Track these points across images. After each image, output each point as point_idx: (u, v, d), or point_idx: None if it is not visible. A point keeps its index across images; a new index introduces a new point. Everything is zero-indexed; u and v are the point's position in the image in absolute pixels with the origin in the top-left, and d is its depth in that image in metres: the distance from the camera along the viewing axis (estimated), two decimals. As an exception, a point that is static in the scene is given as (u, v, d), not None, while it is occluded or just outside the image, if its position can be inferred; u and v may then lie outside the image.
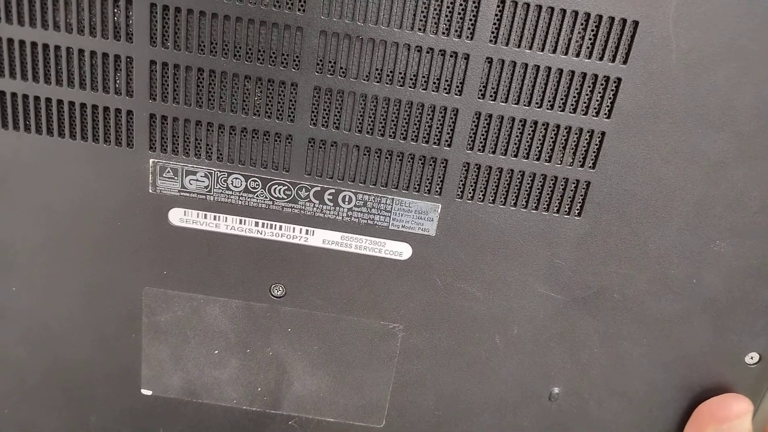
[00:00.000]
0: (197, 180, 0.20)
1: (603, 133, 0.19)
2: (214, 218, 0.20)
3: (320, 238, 0.21)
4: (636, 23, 0.18)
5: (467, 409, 0.23)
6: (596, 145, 0.19)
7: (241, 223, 0.20)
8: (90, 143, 0.19)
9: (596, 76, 0.18)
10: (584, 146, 0.19)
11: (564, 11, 0.18)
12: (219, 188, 0.20)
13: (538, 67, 0.18)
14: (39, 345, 0.22)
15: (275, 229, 0.21)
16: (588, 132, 0.19)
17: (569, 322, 0.22)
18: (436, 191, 0.20)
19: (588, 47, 0.18)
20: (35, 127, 0.19)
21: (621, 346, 0.22)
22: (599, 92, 0.18)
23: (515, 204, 0.20)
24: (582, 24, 0.18)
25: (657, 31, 0.18)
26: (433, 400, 0.23)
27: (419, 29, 0.18)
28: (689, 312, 0.21)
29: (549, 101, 0.19)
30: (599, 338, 0.22)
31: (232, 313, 0.22)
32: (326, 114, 0.19)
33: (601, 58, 0.18)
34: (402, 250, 0.21)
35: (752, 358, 0.22)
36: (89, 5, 0.18)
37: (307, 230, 0.21)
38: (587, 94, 0.18)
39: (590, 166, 0.19)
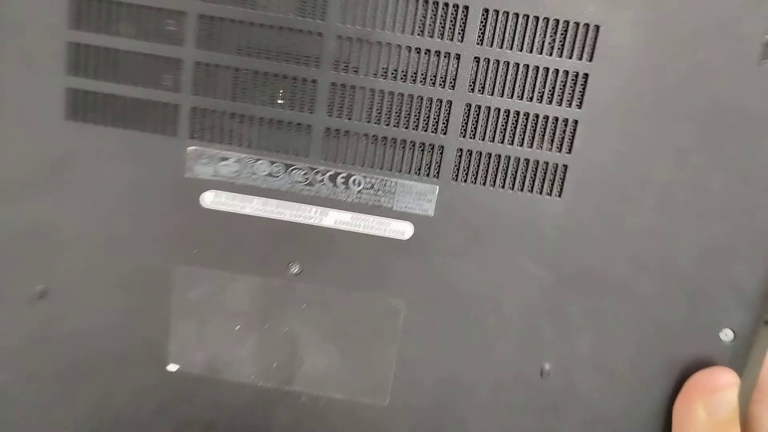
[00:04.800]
0: (228, 165, 0.23)
1: (576, 122, 0.22)
2: (241, 200, 0.23)
3: (333, 218, 0.24)
4: (597, 27, 0.21)
5: (465, 387, 0.25)
6: (571, 132, 0.22)
7: (264, 204, 0.24)
8: (139, 132, 0.23)
9: (567, 72, 0.22)
10: (561, 133, 0.22)
11: (537, 18, 0.21)
12: (246, 173, 0.23)
13: (518, 64, 0.22)
14: (75, 323, 0.25)
15: (294, 210, 0.24)
16: (563, 120, 0.22)
17: (556, 300, 0.24)
18: (434, 174, 0.23)
19: (558, 47, 0.22)
20: (95, 119, 0.23)
21: (605, 324, 0.24)
22: (570, 86, 0.22)
23: (503, 186, 0.23)
24: (553, 28, 0.21)
25: (618, 33, 0.21)
26: (433, 378, 0.25)
27: (418, 34, 0.22)
28: (665, 291, 0.24)
29: (528, 94, 0.22)
30: (584, 316, 0.24)
31: (253, 289, 0.24)
32: (341, 106, 0.22)
33: (570, 57, 0.22)
34: (405, 230, 0.24)
35: (726, 335, 0.24)
36: (148, 18, 0.22)
37: (321, 211, 0.24)
38: (560, 88, 0.22)
39: (567, 151, 0.23)
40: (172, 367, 0.25)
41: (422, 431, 0.25)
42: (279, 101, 0.22)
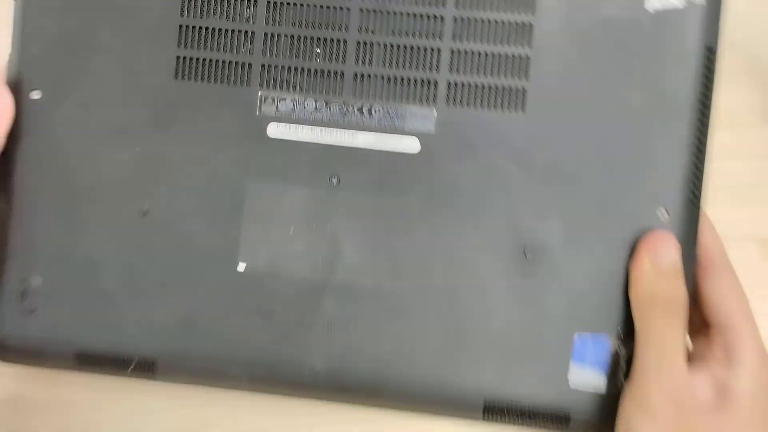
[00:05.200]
0: (285, 104, 0.33)
1: (528, 56, 0.32)
2: (295, 129, 0.33)
3: (362, 140, 0.32)
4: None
5: (466, 265, 0.32)
6: (526, 64, 0.32)
7: (311, 131, 0.33)
8: (225, 85, 0.33)
9: (517, 23, 0.32)
10: (518, 66, 0.32)
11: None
12: (299, 109, 0.33)
13: (483, 19, 0.32)
14: (170, 236, 0.33)
15: (333, 135, 0.32)
16: (519, 56, 0.32)
17: (530, 190, 0.32)
18: (432, 101, 0.32)
19: (509, 7, 0.32)
20: (195, 77, 0.33)
21: (569, 208, 0.32)
22: (521, 32, 0.32)
23: (483, 106, 0.32)
24: (506, -5, 0.32)
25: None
26: (440, 258, 0.32)
27: (416, 3, 0.32)
28: (610, 179, 0.31)
29: (494, 39, 0.32)
30: (552, 202, 0.32)
31: (303, 199, 0.33)
32: (363, 57, 0.32)
33: (518, 12, 0.32)
34: (413, 145, 0.32)
35: (662, 213, 0.31)
36: (234, 6, 0.33)
37: (352, 134, 0.32)
38: (515, 34, 0.32)
39: (525, 79, 0.32)
40: (241, 267, 0.33)
41: (433, 308, 0.32)
42: (317, 58, 0.32)
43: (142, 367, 0.33)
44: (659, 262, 0.30)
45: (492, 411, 0.32)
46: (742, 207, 0.42)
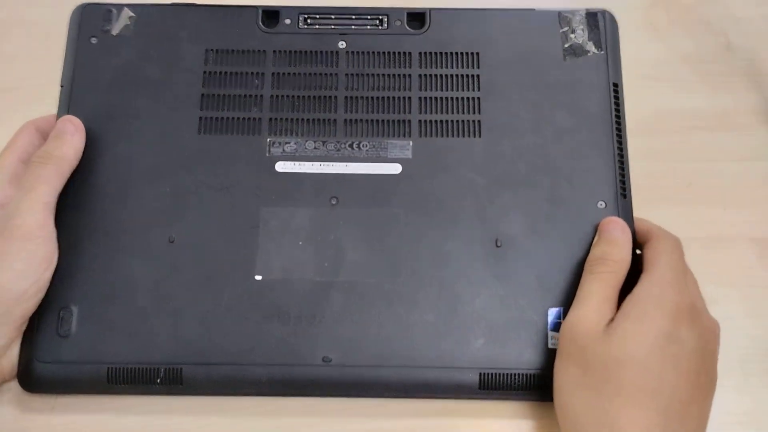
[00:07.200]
0: (290, 146, 0.40)
1: (478, 98, 0.41)
2: (300, 165, 0.40)
3: (353, 168, 0.40)
4: (478, 54, 0.42)
5: (451, 259, 0.38)
6: (477, 103, 0.41)
7: (312, 165, 0.40)
8: (241, 136, 0.41)
9: (468, 75, 0.42)
10: (472, 104, 0.41)
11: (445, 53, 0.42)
12: (301, 149, 0.40)
13: (442, 75, 0.42)
14: (196, 257, 0.38)
15: (330, 166, 0.40)
16: (472, 98, 0.41)
17: (491, 194, 0.39)
18: (408, 135, 0.41)
19: (460, 64, 0.42)
20: (215, 131, 0.41)
21: (525, 205, 0.39)
22: (472, 81, 0.42)
23: (449, 135, 0.40)
24: (458, 59, 0.42)
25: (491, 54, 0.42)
26: (428, 254, 0.38)
27: (390, 66, 0.42)
28: (555, 179, 0.39)
29: (452, 87, 0.41)
30: (510, 201, 0.39)
31: (309, 217, 0.39)
32: (352, 106, 0.41)
33: (466, 66, 0.42)
34: (395, 169, 0.40)
35: (601, 205, 0.39)
36: (245, 77, 0.42)
37: (346, 164, 0.40)
38: (468, 82, 0.41)
39: (478, 113, 0.41)
40: (258, 277, 0.38)
41: (425, 296, 0.37)
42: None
43: (170, 377, 0.36)
44: (603, 235, 0.37)
45: (487, 383, 0.36)
46: (739, 208, 0.44)
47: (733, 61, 0.48)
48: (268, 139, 0.41)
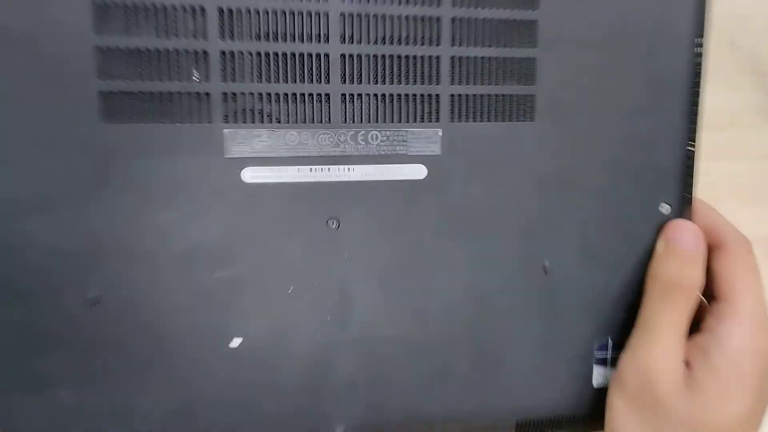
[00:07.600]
0: (261, 141, 0.26)
1: (534, 58, 0.28)
2: (278, 171, 0.26)
3: (359, 172, 0.27)
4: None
5: (485, 296, 0.29)
6: (532, 67, 0.28)
7: (298, 171, 0.27)
8: (178, 124, 0.25)
9: (521, 20, 0.28)
10: (524, 70, 0.28)
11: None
12: (279, 145, 0.26)
13: (484, 19, 0.27)
14: (135, 318, 0.26)
15: (324, 171, 0.27)
16: (524, 59, 0.28)
17: (542, 203, 0.29)
18: (436, 119, 0.28)
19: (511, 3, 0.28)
20: (131, 118, 0.25)
21: (580, 217, 0.30)
22: (526, 31, 0.28)
23: (490, 119, 0.28)
24: None
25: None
26: (462, 288, 0.29)
27: (407, 2, 0.26)
28: (615, 182, 0.30)
29: (496, 41, 0.28)
30: (565, 214, 0.30)
31: (300, 250, 0.27)
32: (351, 73, 0.26)
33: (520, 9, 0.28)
34: (419, 171, 0.28)
35: (664, 208, 0.31)
36: (171, 16, 0.24)
37: (348, 168, 0.27)
38: (519, 33, 0.28)
39: (531, 83, 0.28)
40: (235, 343, 0.27)
41: (458, 345, 0.29)
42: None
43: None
44: (670, 245, 0.30)
45: (523, 428, 0.31)
46: (743, 206, 0.43)
47: (736, 58, 0.45)
48: (225, 131, 0.26)
